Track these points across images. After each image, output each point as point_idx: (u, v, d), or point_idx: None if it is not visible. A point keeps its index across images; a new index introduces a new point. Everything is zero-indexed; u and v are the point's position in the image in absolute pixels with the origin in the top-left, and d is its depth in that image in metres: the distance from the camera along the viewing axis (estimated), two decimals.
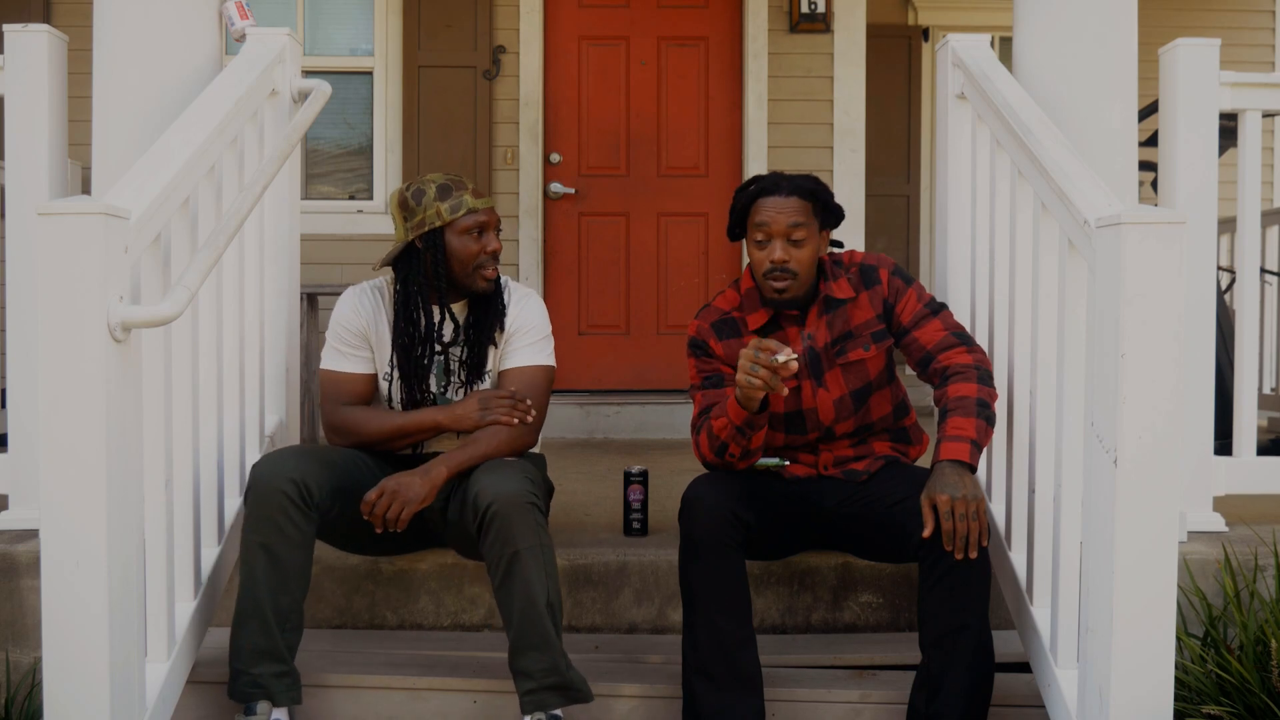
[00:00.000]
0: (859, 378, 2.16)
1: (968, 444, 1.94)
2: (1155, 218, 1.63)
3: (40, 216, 1.55)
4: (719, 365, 2.18)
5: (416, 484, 2.04)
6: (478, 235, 2.19)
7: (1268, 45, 5.79)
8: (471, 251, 2.18)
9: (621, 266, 4.98)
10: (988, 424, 1.98)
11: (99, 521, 1.57)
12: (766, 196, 2.11)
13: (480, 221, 2.19)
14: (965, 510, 1.86)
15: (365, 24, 5.00)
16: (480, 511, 1.95)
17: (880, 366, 2.17)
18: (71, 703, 1.58)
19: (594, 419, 4.59)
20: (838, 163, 4.90)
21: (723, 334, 2.19)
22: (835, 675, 2.17)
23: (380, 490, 2.02)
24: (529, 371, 2.24)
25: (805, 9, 4.82)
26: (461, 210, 2.18)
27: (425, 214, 2.18)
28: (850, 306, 2.17)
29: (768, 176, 2.14)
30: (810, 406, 2.16)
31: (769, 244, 2.09)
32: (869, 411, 2.19)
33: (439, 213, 2.17)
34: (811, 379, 2.16)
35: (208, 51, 2.38)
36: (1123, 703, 1.65)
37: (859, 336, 2.16)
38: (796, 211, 2.09)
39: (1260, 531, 2.32)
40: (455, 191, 2.19)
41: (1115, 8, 2.36)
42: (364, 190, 5.00)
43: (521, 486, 1.96)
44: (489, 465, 2.05)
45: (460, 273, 2.19)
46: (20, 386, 2.33)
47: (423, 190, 2.19)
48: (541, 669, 1.93)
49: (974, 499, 1.87)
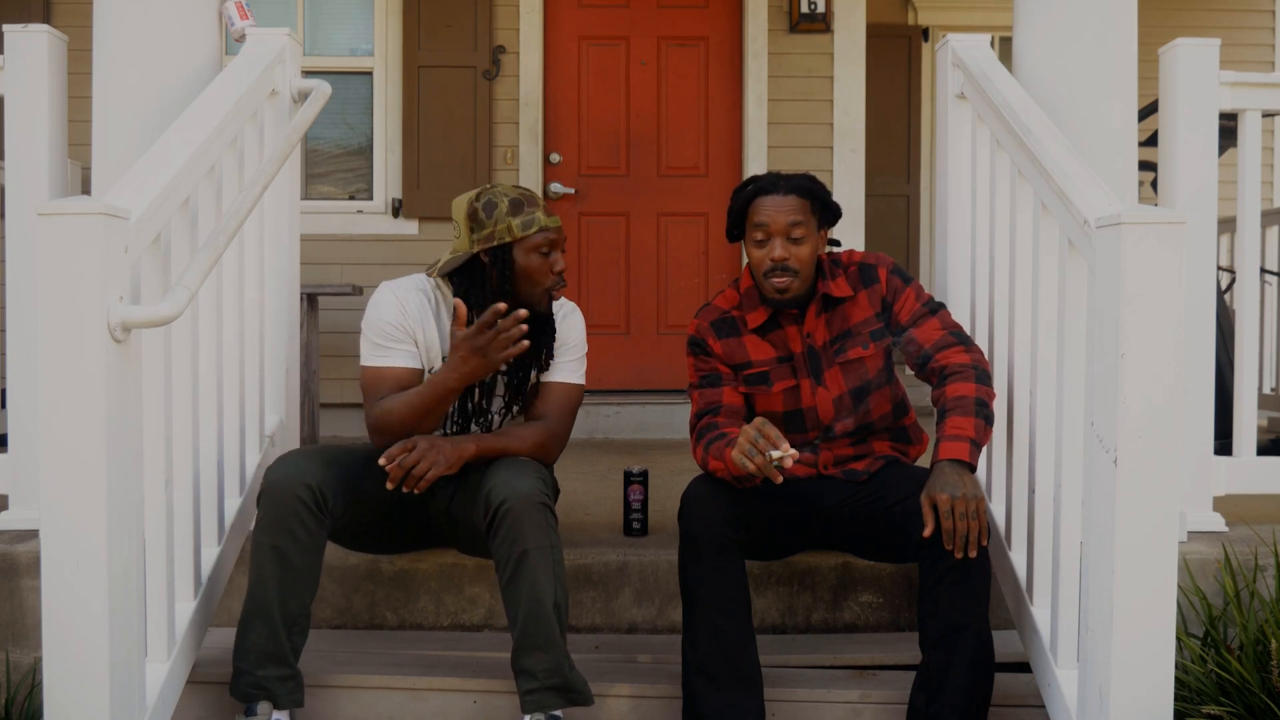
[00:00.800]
0: (858, 376, 2.16)
1: (967, 443, 1.94)
2: (1155, 218, 1.63)
3: (40, 216, 1.55)
4: (717, 364, 2.18)
5: (447, 448, 2.03)
6: (546, 254, 2.14)
7: (1268, 45, 5.79)
8: (541, 270, 2.14)
9: (621, 266, 4.98)
10: (986, 423, 1.98)
11: (99, 521, 1.57)
12: (765, 196, 2.11)
13: (551, 240, 2.14)
14: (965, 509, 1.86)
15: (365, 24, 5.00)
16: (492, 508, 1.94)
17: (879, 365, 2.17)
18: (71, 703, 1.58)
19: (594, 419, 4.59)
20: (838, 163, 4.90)
21: (722, 333, 2.19)
22: (835, 675, 2.17)
23: (413, 443, 2.00)
24: (564, 389, 2.23)
25: (805, 9, 4.82)
26: (534, 227, 2.12)
27: (496, 228, 2.12)
28: (849, 305, 2.17)
29: (765, 176, 2.15)
30: (810, 405, 2.17)
31: (769, 242, 2.10)
32: (869, 411, 2.19)
33: (510, 228, 2.11)
34: (810, 378, 2.16)
35: (208, 51, 2.38)
36: (1123, 702, 1.65)
37: (858, 335, 2.16)
38: (795, 210, 2.09)
39: (1260, 531, 2.32)
40: (528, 208, 2.14)
41: (1115, 8, 2.36)
42: (364, 190, 5.00)
43: (535, 486, 1.95)
44: (503, 462, 2.03)
45: (526, 290, 2.14)
46: (20, 386, 2.33)
47: (494, 203, 2.13)
48: (544, 669, 1.92)
49: (974, 498, 1.87)
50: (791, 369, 2.17)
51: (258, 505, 1.95)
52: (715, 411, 2.13)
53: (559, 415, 2.21)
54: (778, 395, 2.17)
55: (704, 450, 2.06)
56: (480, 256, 2.14)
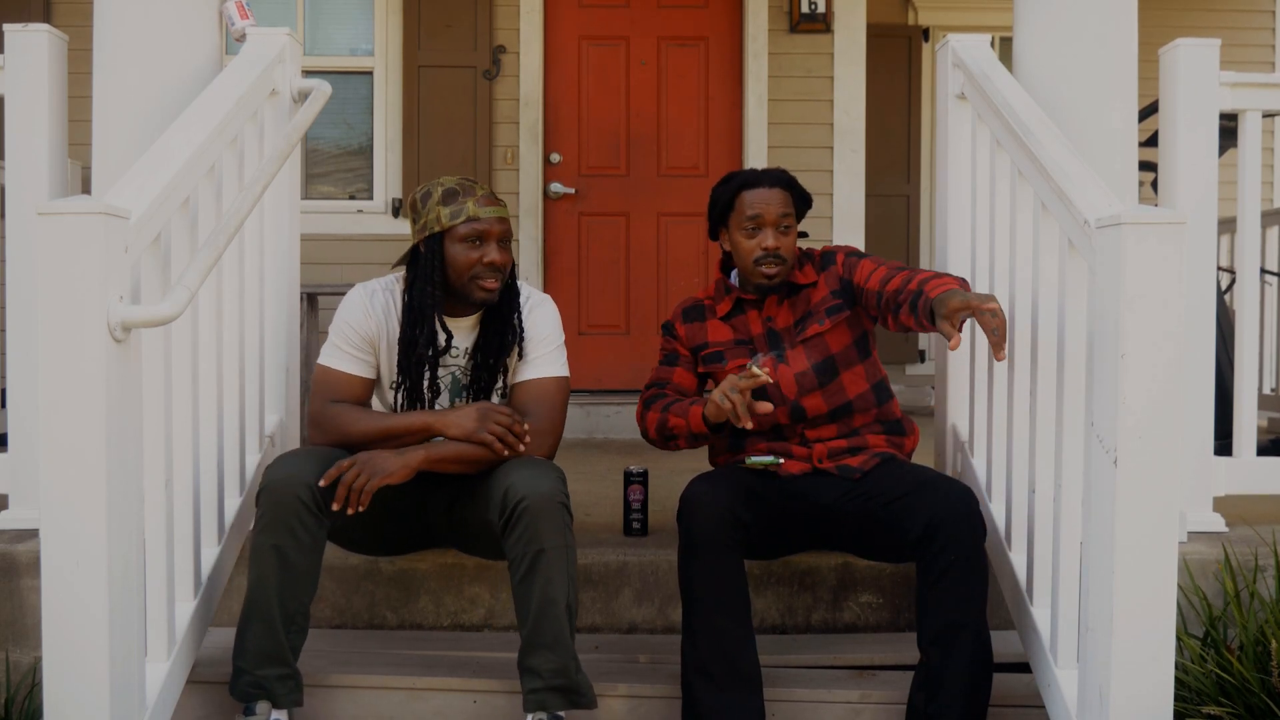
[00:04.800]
0: (819, 352, 2.23)
1: (956, 280, 2.00)
2: (1155, 218, 1.63)
3: (40, 216, 1.55)
4: (678, 346, 2.35)
5: (391, 460, 1.98)
6: (476, 244, 2.10)
7: (1268, 45, 5.79)
8: (467, 260, 2.09)
9: (621, 266, 4.98)
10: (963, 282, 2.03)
11: (99, 521, 1.57)
12: (752, 189, 2.24)
13: (479, 230, 2.09)
14: (983, 304, 1.81)
15: (365, 24, 5.00)
16: (511, 506, 1.93)
17: (845, 342, 2.24)
18: (71, 703, 1.58)
19: (594, 419, 4.60)
20: (838, 163, 4.90)
21: (689, 318, 2.36)
22: (835, 675, 2.17)
23: (353, 460, 1.97)
24: (540, 386, 2.16)
25: (805, 9, 4.82)
26: (460, 217, 2.09)
27: (428, 217, 2.12)
28: (810, 290, 2.29)
29: (745, 171, 2.28)
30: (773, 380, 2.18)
31: (760, 232, 2.21)
32: (841, 388, 2.22)
33: (439, 217, 2.10)
34: (772, 354, 2.20)
35: (208, 51, 2.38)
36: (1122, 702, 1.65)
37: (816, 313, 2.25)
38: (783, 202, 2.23)
39: (1260, 531, 2.32)
40: (461, 197, 2.11)
41: (1115, 8, 2.36)
42: (364, 190, 5.00)
43: (555, 486, 1.95)
44: (520, 462, 2.02)
45: (456, 281, 2.11)
46: (20, 386, 2.33)
47: (430, 193, 2.13)
48: (551, 669, 1.92)
49: (987, 298, 1.83)
50: (750, 350, 2.27)
51: (257, 505, 1.95)
52: (663, 385, 2.32)
53: (543, 412, 2.14)
54: (732, 371, 2.24)
55: (661, 411, 2.23)
56: (419, 247, 2.14)
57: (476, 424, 2.03)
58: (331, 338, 2.17)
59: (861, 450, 2.22)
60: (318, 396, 2.14)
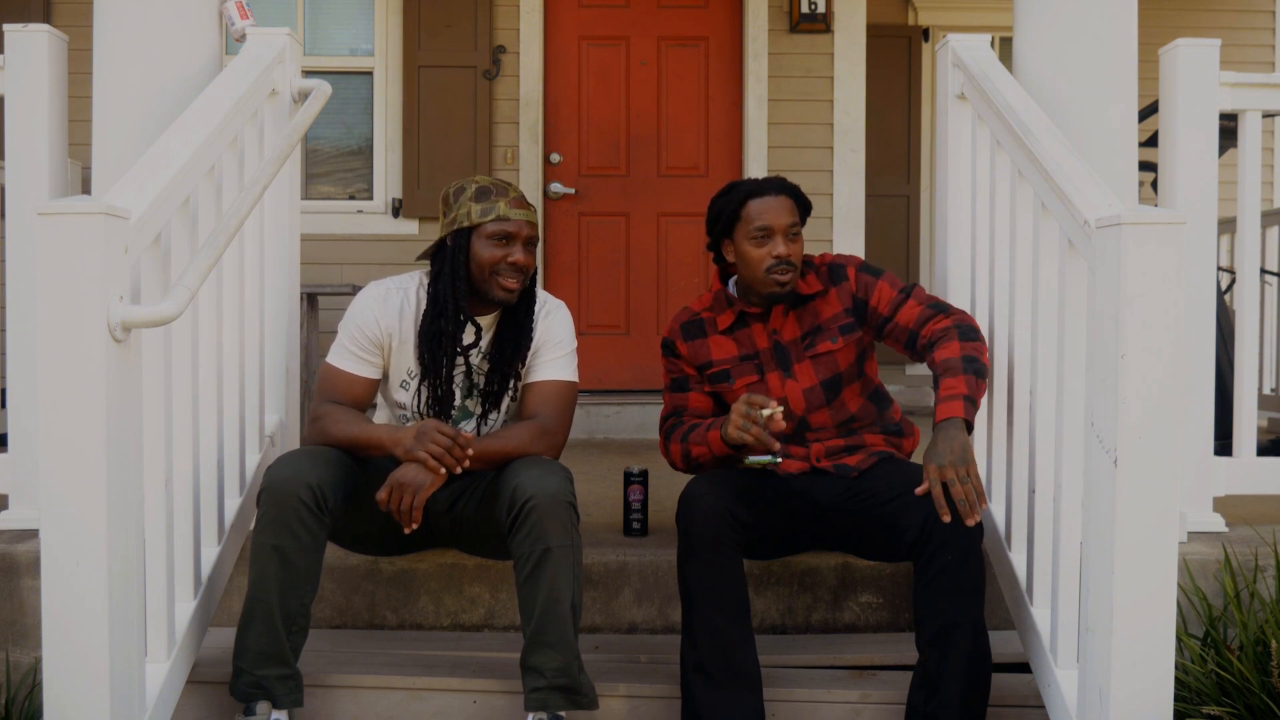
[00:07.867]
0: (829, 369, 2.22)
1: (960, 401, 1.98)
2: (1155, 218, 1.63)
3: (40, 216, 1.55)
4: (684, 366, 2.29)
5: (420, 473, 2.02)
6: (503, 243, 2.13)
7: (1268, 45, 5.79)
8: (492, 258, 2.12)
9: (621, 266, 4.98)
10: (977, 376, 2.01)
11: (99, 521, 1.57)
12: (758, 198, 2.19)
13: (507, 230, 2.13)
14: (955, 475, 1.89)
15: (365, 24, 5.00)
16: (518, 505, 1.94)
17: (850, 359, 2.22)
18: (71, 703, 1.58)
19: (594, 419, 4.59)
20: (838, 162, 4.90)
21: (689, 335, 2.29)
22: (835, 675, 2.17)
23: (389, 488, 2.01)
24: (550, 387, 2.21)
25: (805, 9, 4.82)
26: (491, 215, 2.13)
27: (458, 212, 2.16)
28: (819, 301, 2.25)
29: (747, 181, 2.24)
30: (780, 397, 2.21)
31: (770, 240, 2.17)
32: (843, 405, 2.23)
33: (469, 213, 2.14)
34: (779, 370, 2.21)
35: (208, 51, 2.38)
36: (1123, 702, 1.65)
37: (828, 330, 2.23)
38: (791, 210, 2.20)
39: (1260, 531, 2.32)
40: (493, 196, 2.15)
41: (1115, 8, 2.36)
42: (364, 190, 5.00)
43: (562, 486, 1.96)
44: (527, 461, 2.04)
45: (478, 277, 2.14)
46: (20, 386, 2.33)
47: (464, 189, 2.17)
48: (554, 668, 1.92)
49: (961, 464, 1.90)
50: (756, 365, 2.24)
51: (258, 505, 1.95)
52: (680, 413, 2.28)
53: (551, 413, 2.19)
54: (741, 391, 2.22)
55: (680, 441, 2.19)
56: (446, 240, 2.17)
57: (414, 442, 2.04)
58: (340, 336, 2.21)
59: (859, 449, 2.23)
60: (318, 394, 2.19)
